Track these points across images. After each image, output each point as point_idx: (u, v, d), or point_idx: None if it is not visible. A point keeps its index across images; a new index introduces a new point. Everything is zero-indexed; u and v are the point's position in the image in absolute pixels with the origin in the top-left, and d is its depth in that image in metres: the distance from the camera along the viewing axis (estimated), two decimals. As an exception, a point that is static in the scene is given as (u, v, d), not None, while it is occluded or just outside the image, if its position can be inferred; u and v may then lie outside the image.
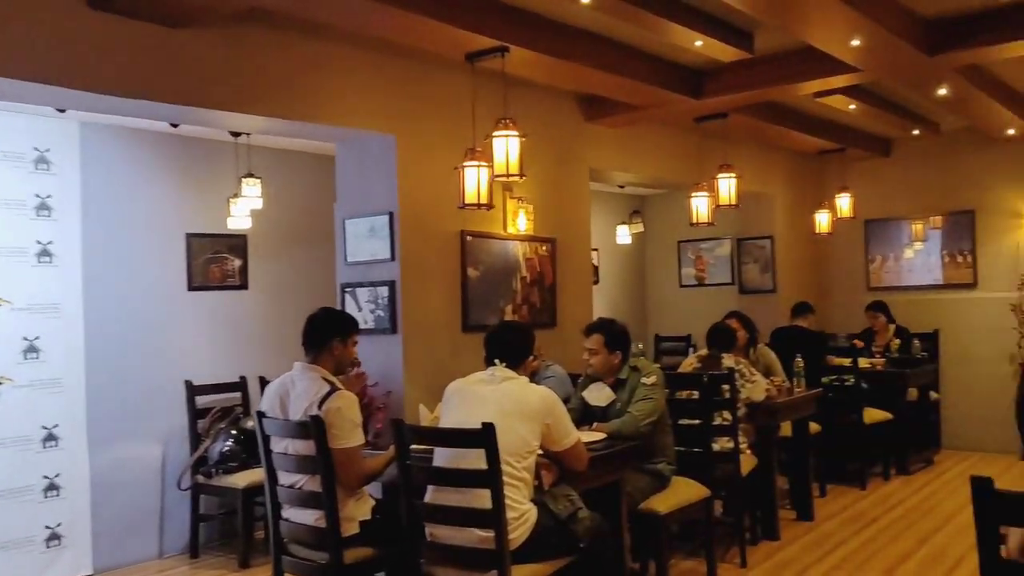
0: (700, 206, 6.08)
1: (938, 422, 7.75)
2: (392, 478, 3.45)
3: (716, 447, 4.61)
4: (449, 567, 3.19)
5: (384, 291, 4.76)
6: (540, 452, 3.26)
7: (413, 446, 3.33)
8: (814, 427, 5.90)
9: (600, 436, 3.85)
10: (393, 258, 4.74)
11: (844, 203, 7.49)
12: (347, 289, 4.95)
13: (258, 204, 5.76)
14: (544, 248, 5.68)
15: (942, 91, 5.76)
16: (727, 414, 4.69)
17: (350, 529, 3.39)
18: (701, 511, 4.35)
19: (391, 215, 4.74)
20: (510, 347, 3.41)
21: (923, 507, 5.89)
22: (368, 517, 3.47)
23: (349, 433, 3.36)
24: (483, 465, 2.98)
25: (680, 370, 5.27)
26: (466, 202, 4.36)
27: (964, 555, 4.78)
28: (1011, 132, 7.19)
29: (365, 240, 4.86)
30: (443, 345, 4.95)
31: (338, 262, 5.05)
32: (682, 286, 9.30)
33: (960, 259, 7.98)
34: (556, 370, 4.85)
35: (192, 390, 5.44)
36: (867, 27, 4.32)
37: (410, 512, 3.22)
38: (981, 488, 1.97)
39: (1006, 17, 4.62)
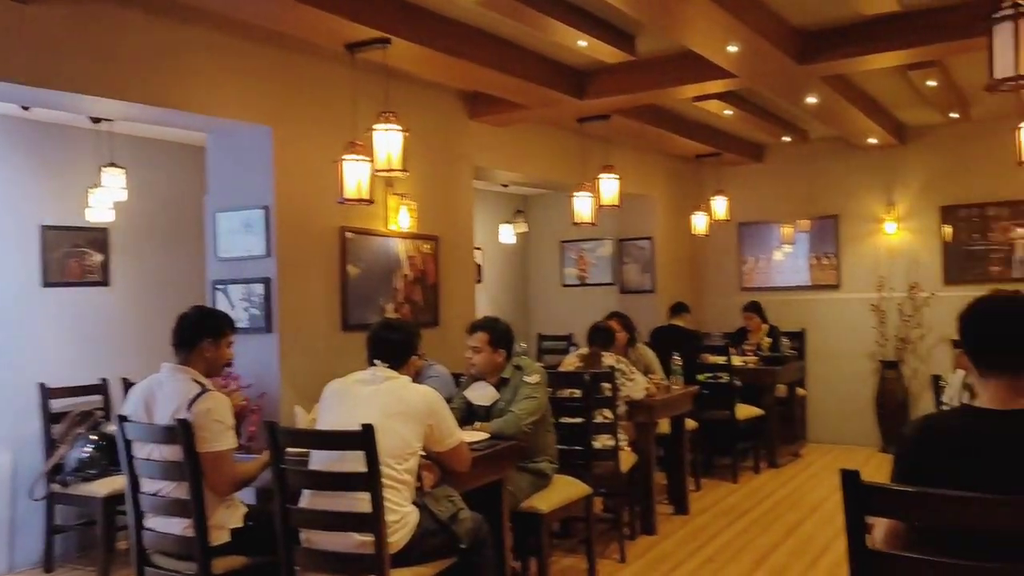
0: (583, 206, 6.14)
1: (804, 417, 8.10)
2: (266, 483, 3.29)
3: (597, 445, 4.65)
4: (326, 574, 3.07)
5: (259, 288, 4.57)
6: (422, 453, 3.18)
7: (288, 449, 3.19)
8: (691, 423, 6.05)
9: (483, 436, 3.80)
10: (269, 254, 4.55)
11: (720, 206, 7.73)
12: (219, 286, 4.73)
13: (122, 196, 5.43)
14: (427, 246, 5.60)
15: (811, 99, 6.01)
16: (608, 412, 4.74)
17: (220, 537, 3.22)
18: (582, 508, 4.37)
19: (266, 209, 4.55)
20: (392, 347, 3.31)
21: (791, 499, 6.14)
22: (240, 525, 3.30)
23: (219, 436, 3.18)
24: (362, 468, 2.88)
25: (562, 368, 5.29)
26: (346, 197, 4.23)
27: (829, 544, 5.00)
28: (873, 141, 7.59)
29: (238, 235, 4.65)
30: (321, 345, 4.79)
31: (209, 258, 4.82)
32: (564, 285, 9.39)
33: (825, 261, 8.38)
34: (439, 370, 4.78)
35: (46, 393, 5.07)
36: (744, 34, 4.45)
37: (284, 518, 3.08)
38: (849, 480, 2.03)
39: (869, 30, 4.85)
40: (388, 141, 4.15)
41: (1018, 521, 1.90)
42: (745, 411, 6.80)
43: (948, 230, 7.79)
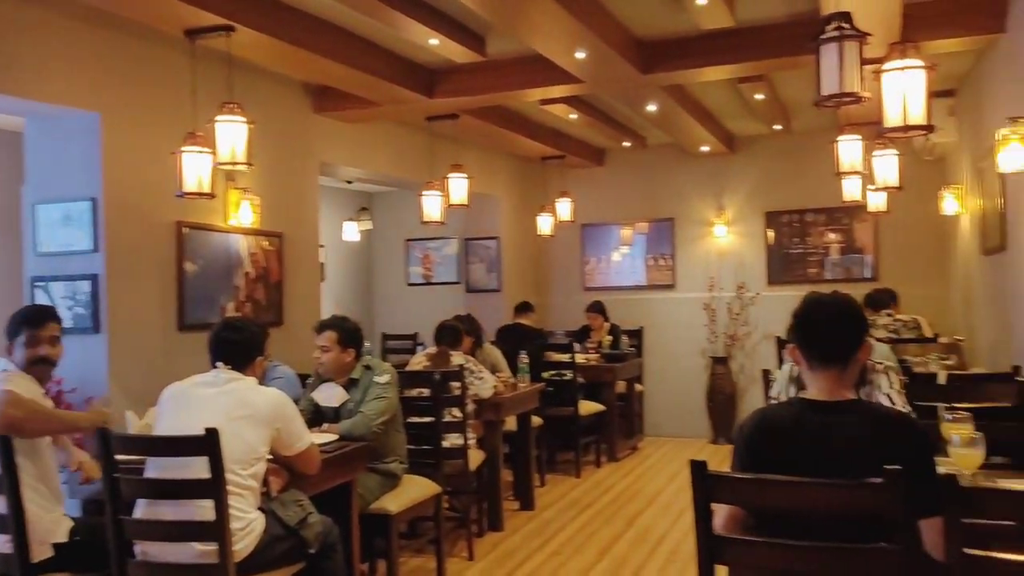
0: (431, 205, 6.12)
1: (642, 412, 8.44)
2: (95, 494, 3.08)
3: (446, 444, 4.65)
4: (164, 588, 2.91)
5: (85, 286, 4.27)
6: (269, 457, 3.07)
7: (121, 456, 2.99)
8: (536, 420, 6.16)
9: (331, 437, 3.71)
10: (96, 249, 4.27)
11: (564, 208, 7.93)
12: (38, 283, 4.38)
13: (-76, 183, 4.93)
14: (270, 243, 5.42)
15: (651, 107, 6.27)
16: (456, 411, 4.75)
17: (42, 553, 2.97)
18: (431, 508, 4.36)
19: (94, 201, 4.26)
20: (235, 348, 3.15)
21: (631, 490, 6.38)
22: (65, 539, 3.06)
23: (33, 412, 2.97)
24: (205, 474, 2.74)
25: (409, 368, 5.26)
26: (184, 190, 4.03)
27: (667, 532, 5.23)
28: (705, 149, 8.02)
29: (60, 228, 4.33)
30: (155, 346, 4.54)
31: (26, 252, 4.45)
32: (409, 284, 9.35)
33: (662, 262, 8.77)
34: (284, 370, 4.62)
35: None
36: (590, 41, 4.58)
37: (117, 530, 2.89)
38: (697, 470, 2.15)
39: (706, 44, 5.12)
40: (231, 133, 3.98)
41: (844, 502, 2.06)
42: (587, 407, 7.00)
43: (771, 234, 8.33)
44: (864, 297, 6.62)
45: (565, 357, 6.84)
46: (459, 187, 6.04)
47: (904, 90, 2.86)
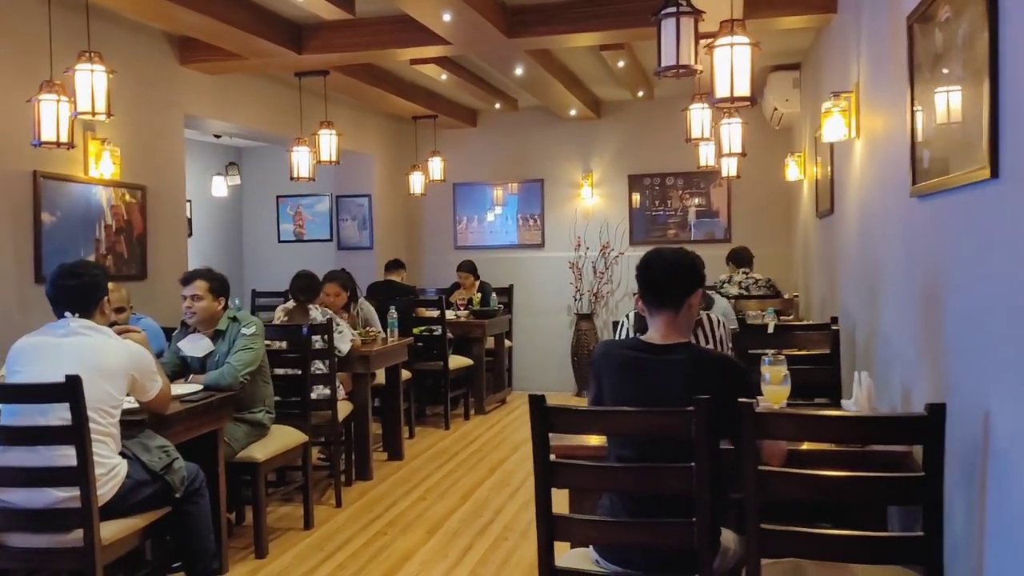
0: (300, 161, 6.14)
1: (510, 367, 8.75)
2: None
3: (314, 395, 4.77)
4: (22, 532, 2.94)
5: (-67, 236, 4.12)
6: (131, 404, 3.13)
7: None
8: (406, 374, 6.34)
9: (197, 387, 3.78)
10: (-55, 198, 4.12)
11: (436, 167, 8.05)
12: None
13: None
14: (132, 195, 5.33)
15: (519, 71, 6.46)
16: (324, 364, 4.87)
17: None
18: (299, 456, 4.48)
19: (-58, 148, 4.10)
20: (76, 294, 3.10)
21: (495, 440, 6.67)
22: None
23: None
24: (63, 421, 2.79)
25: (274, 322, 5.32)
26: (41, 140, 3.94)
27: (526, 478, 5.53)
28: (573, 113, 8.29)
29: (-94, 176, 4.15)
30: (9, 298, 4.44)
31: None
32: (280, 241, 9.29)
33: (531, 222, 9.04)
34: (148, 323, 4.62)
35: None
36: (456, 4, 4.70)
37: (-26, 478, 2.90)
38: (536, 403, 2.40)
39: (569, 11, 5.33)
40: (90, 82, 3.91)
41: (661, 428, 2.35)
42: (456, 362, 7.23)
43: (635, 196, 8.73)
44: (730, 252, 7.12)
45: (435, 313, 7.02)
46: (329, 144, 6.08)
47: (732, 64, 3.15)
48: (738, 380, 2.46)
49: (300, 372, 4.60)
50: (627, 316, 3.82)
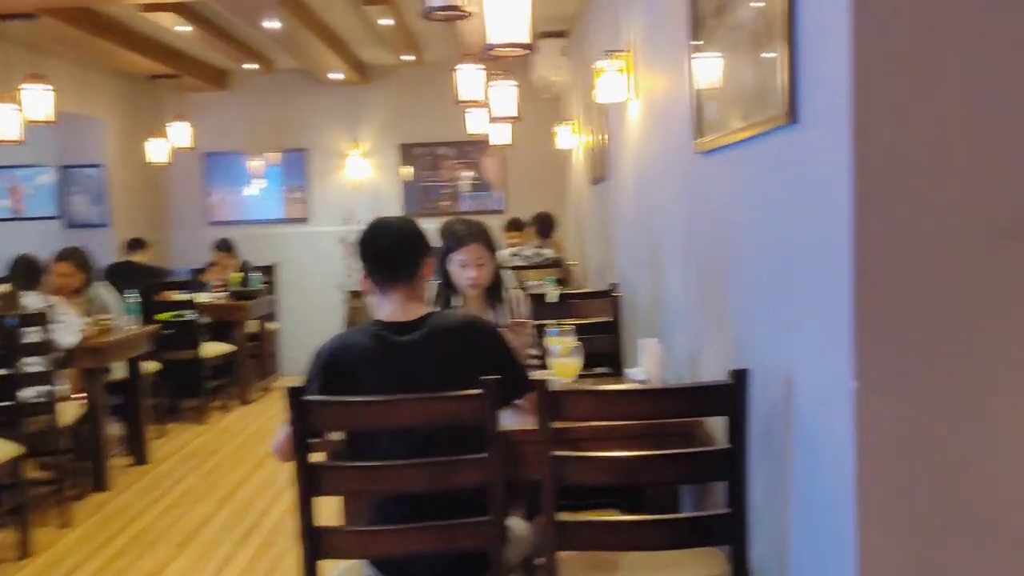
0: (6, 121, 5.16)
1: (276, 351, 8.11)
2: None
3: (27, 398, 3.98)
4: None
5: None
6: None
7: None
8: (152, 366, 5.60)
9: None
10: None
11: (181, 133, 7.22)
12: None
13: None
14: None
15: (270, 24, 5.83)
16: (38, 360, 4.08)
17: None
18: (10, 473, 3.72)
19: None
20: None
21: (260, 433, 6.06)
22: None
23: None
24: None
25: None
26: None
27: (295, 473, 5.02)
28: (337, 76, 7.73)
29: None
30: None
31: None
32: (-7, 220, 7.98)
33: (296, 195, 8.41)
34: None
35: None
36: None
37: None
38: (294, 395, 2.03)
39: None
40: None
41: (441, 415, 1.99)
42: (213, 349, 6.52)
43: (408, 169, 8.34)
44: (533, 219, 6.89)
45: (185, 297, 6.27)
46: (40, 101, 5.15)
47: (507, 8, 2.84)
48: (497, 340, 2.25)
49: (6, 372, 3.81)
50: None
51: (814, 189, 1.72)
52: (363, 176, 8.33)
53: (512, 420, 2.28)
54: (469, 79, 4.95)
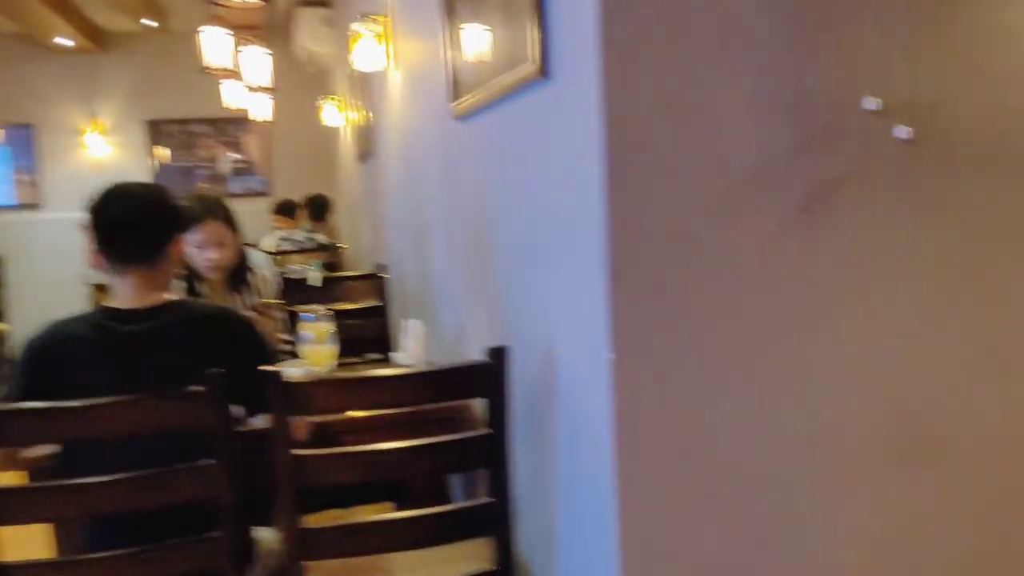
0: None
1: (8, 356, 7.16)
2: None
3: None
4: None
5: None
6: None
7: None
8: None
9: None
10: None
11: None
12: None
13: None
14: None
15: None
16: None
17: None
18: None
19: None
20: None
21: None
22: None
23: None
24: None
25: None
26: None
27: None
28: (67, 43, 6.88)
29: None
30: None
31: None
32: None
33: (26, 178, 7.45)
34: None
35: None
36: None
37: None
38: None
39: None
40: None
41: (164, 420, 1.69)
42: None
43: (160, 149, 7.62)
44: (306, 201, 6.40)
45: None
46: None
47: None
48: (252, 335, 1.93)
49: None
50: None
51: (567, 146, 1.60)
52: (105, 156, 7.51)
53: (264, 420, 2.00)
54: (215, 43, 4.52)
